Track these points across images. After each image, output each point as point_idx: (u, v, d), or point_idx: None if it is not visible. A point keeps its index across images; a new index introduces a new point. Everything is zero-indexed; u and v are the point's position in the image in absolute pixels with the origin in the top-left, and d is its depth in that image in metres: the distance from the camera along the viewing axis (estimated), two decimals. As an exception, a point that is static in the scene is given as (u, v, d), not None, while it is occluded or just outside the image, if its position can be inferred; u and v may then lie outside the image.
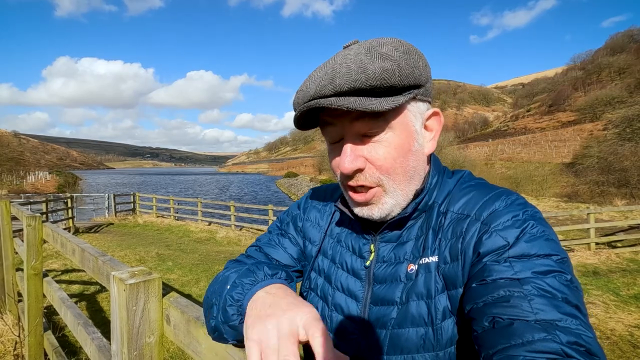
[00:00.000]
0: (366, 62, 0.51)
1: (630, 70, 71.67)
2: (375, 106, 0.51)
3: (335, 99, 0.51)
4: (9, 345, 2.88)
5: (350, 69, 0.51)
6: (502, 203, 0.55)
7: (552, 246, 0.49)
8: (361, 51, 0.53)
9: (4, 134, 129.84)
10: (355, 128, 0.56)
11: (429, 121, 0.61)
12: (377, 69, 0.51)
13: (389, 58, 0.52)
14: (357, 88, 0.51)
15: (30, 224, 2.32)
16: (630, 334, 4.26)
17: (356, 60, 0.51)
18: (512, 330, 0.42)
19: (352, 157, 0.56)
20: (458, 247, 0.55)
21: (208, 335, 0.73)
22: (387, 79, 0.51)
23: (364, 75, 0.50)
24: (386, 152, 0.56)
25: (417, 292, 0.57)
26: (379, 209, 0.60)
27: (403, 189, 0.59)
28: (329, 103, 0.51)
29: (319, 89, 0.53)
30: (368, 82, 0.50)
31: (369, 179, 0.58)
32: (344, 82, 0.51)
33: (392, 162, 0.56)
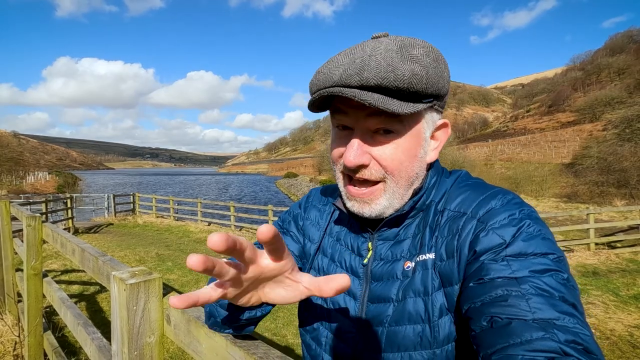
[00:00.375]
0: (397, 62, 0.50)
1: (629, 71, 71.73)
2: (396, 108, 0.51)
3: (360, 92, 0.51)
4: (8, 345, 2.87)
5: (380, 65, 0.50)
6: (498, 202, 0.55)
7: (549, 245, 0.49)
8: (392, 48, 0.52)
9: (4, 134, 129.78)
10: (367, 123, 0.56)
11: (438, 132, 0.62)
12: (407, 72, 0.50)
13: (420, 62, 0.51)
14: (384, 86, 0.50)
15: (30, 224, 2.32)
16: (630, 334, 4.27)
17: (386, 57, 0.51)
18: (511, 329, 0.42)
19: (359, 152, 0.56)
20: (454, 244, 0.55)
21: (208, 335, 0.73)
22: (415, 83, 0.51)
23: (393, 74, 0.50)
24: (394, 153, 0.56)
25: (414, 289, 0.57)
26: (370, 208, 0.60)
27: (401, 193, 0.59)
28: (352, 94, 0.50)
29: (345, 77, 0.52)
30: (396, 82, 0.50)
31: (374, 175, 0.58)
32: (372, 77, 0.50)
33: (398, 164, 0.57)
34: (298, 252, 0.75)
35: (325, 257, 0.71)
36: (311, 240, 0.74)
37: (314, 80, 0.57)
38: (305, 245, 0.75)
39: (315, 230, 0.75)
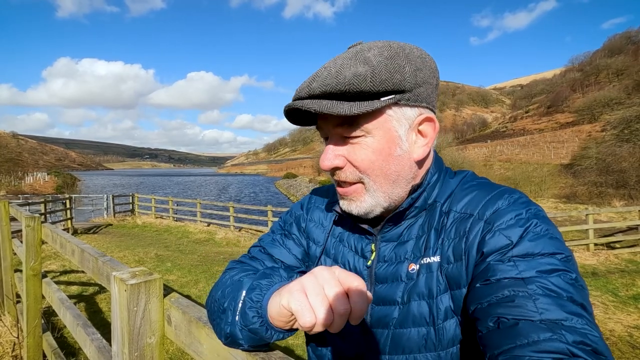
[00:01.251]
0: (345, 67, 0.53)
1: (628, 72, 71.89)
2: (344, 110, 0.52)
3: (308, 102, 0.54)
4: (7, 346, 2.86)
5: (330, 73, 0.53)
6: (504, 202, 0.55)
7: (557, 244, 0.49)
8: (349, 55, 0.54)
9: (2, 135, 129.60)
10: (336, 131, 0.59)
11: (422, 126, 0.60)
12: (349, 75, 0.52)
13: (367, 63, 0.52)
14: (328, 92, 0.53)
15: (30, 224, 2.31)
16: (630, 335, 4.27)
17: (337, 64, 0.53)
18: (518, 330, 0.41)
19: (332, 156, 0.59)
20: (461, 246, 0.54)
21: (209, 336, 0.73)
22: (357, 84, 0.52)
23: (335, 80, 0.52)
24: (364, 154, 0.58)
25: (418, 292, 0.57)
26: (357, 205, 0.61)
27: (385, 191, 0.59)
28: (300, 105, 0.54)
29: (298, 91, 0.57)
30: (338, 87, 0.52)
31: (350, 176, 0.60)
32: (317, 86, 0.53)
33: (370, 164, 0.58)
34: (300, 255, 0.74)
35: (328, 258, 0.71)
36: (315, 242, 0.73)
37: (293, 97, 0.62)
38: (310, 247, 0.74)
39: (320, 232, 0.74)
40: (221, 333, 0.59)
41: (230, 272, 0.69)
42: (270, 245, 0.76)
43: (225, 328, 0.57)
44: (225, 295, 0.60)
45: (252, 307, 0.52)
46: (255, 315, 0.52)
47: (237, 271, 0.68)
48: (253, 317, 0.52)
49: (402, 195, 0.61)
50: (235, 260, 0.77)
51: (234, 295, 0.57)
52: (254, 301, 0.52)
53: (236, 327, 0.55)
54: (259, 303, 0.52)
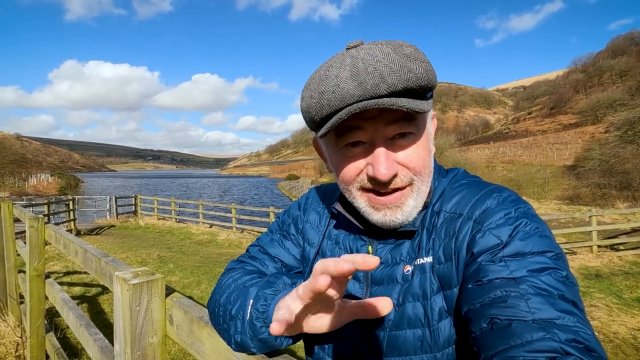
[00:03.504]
0: (406, 63, 0.50)
1: (631, 73, 71.55)
2: (424, 107, 0.51)
3: (395, 100, 0.49)
4: (10, 346, 2.88)
5: (395, 68, 0.49)
6: (493, 201, 0.55)
7: (547, 243, 0.49)
8: (389, 52, 0.50)
9: (6, 137, 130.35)
10: (387, 131, 0.54)
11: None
12: (422, 70, 0.50)
13: (422, 60, 0.52)
14: (409, 88, 0.50)
15: (33, 225, 2.32)
16: (634, 337, 4.24)
17: (393, 61, 0.49)
18: (511, 330, 0.42)
19: (389, 163, 0.54)
20: (451, 246, 0.54)
21: (211, 335, 0.73)
22: (430, 80, 0.52)
23: (413, 75, 0.50)
24: (416, 153, 0.56)
25: (412, 293, 0.57)
26: (402, 212, 0.57)
27: (425, 190, 0.59)
28: (390, 103, 0.48)
29: (372, 88, 0.49)
30: (418, 82, 0.50)
31: (404, 181, 0.56)
32: (397, 82, 0.49)
33: (423, 162, 0.57)
34: (299, 256, 0.74)
35: None
36: (310, 243, 0.73)
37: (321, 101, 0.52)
38: (305, 249, 0.74)
39: (315, 234, 0.74)
40: (231, 340, 0.59)
41: (232, 273, 0.69)
42: (269, 245, 0.76)
43: (236, 337, 0.57)
44: (232, 302, 0.59)
45: (259, 318, 0.53)
46: (262, 325, 0.53)
47: (239, 273, 0.68)
48: (261, 327, 0.53)
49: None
50: (235, 260, 0.77)
51: (242, 303, 0.56)
52: (260, 312, 0.53)
53: (247, 337, 0.55)
54: (265, 314, 0.52)
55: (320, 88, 0.52)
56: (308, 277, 0.72)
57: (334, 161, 0.61)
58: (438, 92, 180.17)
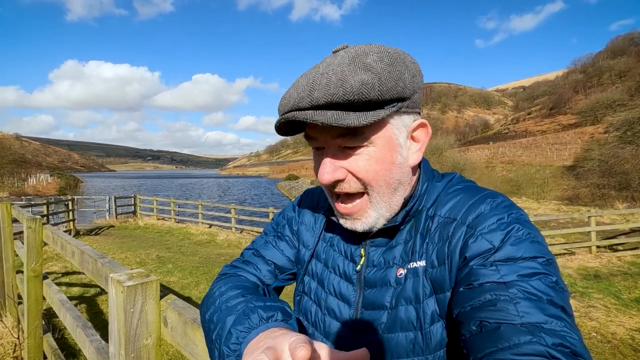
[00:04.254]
0: (347, 74, 0.50)
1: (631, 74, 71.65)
2: (352, 121, 0.50)
3: (312, 113, 0.51)
4: (8, 347, 2.88)
5: (331, 80, 0.50)
6: (487, 206, 0.55)
7: (538, 248, 0.49)
8: (345, 61, 0.51)
9: (6, 137, 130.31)
10: (336, 142, 0.56)
11: (416, 132, 0.60)
12: (356, 83, 0.49)
13: (371, 70, 0.50)
14: (335, 102, 0.50)
15: (31, 226, 2.32)
16: (632, 338, 4.24)
17: (337, 71, 0.50)
18: (499, 334, 0.42)
19: (332, 168, 0.57)
20: (445, 251, 0.55)
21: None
22: (366, 93, 0.50)
23: (342, 89, 0.49)
24: (367, 164, 0.56)
25: (405, 296, 0.57)
26: (362, 222, 0.60)
27: (387, 201, 0.59)
28: (304, 117, 0.51)
29: (297, 101, 0.52)
30: (346, 96, 0.49)
31: (353, 187, 0.58)
32: (322, 96, 0.50)
33: (374, 174, 0.56)
34: (293, 257, 0.75)
35: (319, 262, 0.71)
36: (305, 245, 0.74)
37: (278, 105, 0.58)
38: (300, 250, 0.74)
39: (310, 236, 0.74)
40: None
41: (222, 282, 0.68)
42: (263, 247, 0.76)
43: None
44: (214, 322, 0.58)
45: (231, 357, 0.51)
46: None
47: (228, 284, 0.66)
48: None
49: (400, 203, 0.61)
50: (229, 265, 0.77)
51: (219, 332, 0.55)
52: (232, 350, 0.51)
53: None
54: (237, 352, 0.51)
55: (285, 93, 0.57)
56: (303, 278, 0.72)
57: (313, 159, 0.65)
58: (438, 93, 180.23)
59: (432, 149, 31.54)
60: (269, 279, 0.73)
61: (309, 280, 0.71)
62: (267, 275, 0.73)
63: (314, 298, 0.69)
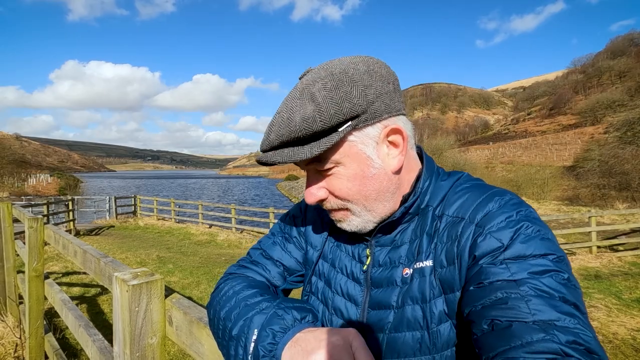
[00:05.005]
0: (293, 111, 0.53)
1: (630, 74, 71.76)
2: (305, 154, 0.53)
3: (272, 154, 0.56)
4: (9, 347, 2.87)
5: (282, 119, 0.54)
6: (495, 204, 0.55)
7: (548, 245, 0.49)
8: (295, 94, 0.55)
9: (6, 137, 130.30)
10: (309, 167, 0.60)
11: (391, 137, 0.58)
12: (299, 120, 0.52)
13: (314, 100, 0.52)
14: (285, 141, 0.54)
15: (32, 225, 2.32)
16: (633, 338, 4.24)
17: (288, 108, 0.54)
18: (511, 332, 0.42)
19: (313, 190, 0.61)
20: (454, 250, 0.55)
21: (210, 337, 0.73)
22: (308, 128, 0.52)
23: (287, 129, 0.53)
24: (340, 184, 0.58)
25: (412, 296, 0.57)
26: (347, 224, 0.63)
27: (370, 210, 0.60)
28: (266, 159, 0.57)
29: (262, 145, 0.58)
30: (292, 135, 0.53)
31: (334, 204, 0.61)
32: (275, 138, 0.55)
33: (348, 191, 0.58)
34: (301, 259, 0.74)
35: (326, 262, 0.71)
36: (313, 246, 0.73)
37: None
38: (308, 251, 0.74)
39: (317, 237, 0.74)
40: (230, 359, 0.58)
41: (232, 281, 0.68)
42: (271, 248, 0.76)
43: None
44: (232, 320, 0.58)
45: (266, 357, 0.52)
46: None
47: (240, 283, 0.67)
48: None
49: (390, 207, 0.61)
50: (236, 265, 0.77)
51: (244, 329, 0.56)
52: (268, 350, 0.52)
53: None
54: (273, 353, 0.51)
55: None
56: (310, 278, 0.73)
57: None
58: (437, 93, 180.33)
59: (432, 150, 31.53)
60: (278, 281, 0.73)
61: (316, 281, 0.71)
62: (276, 277, 0.73)
63: (321, 298, 0.69)
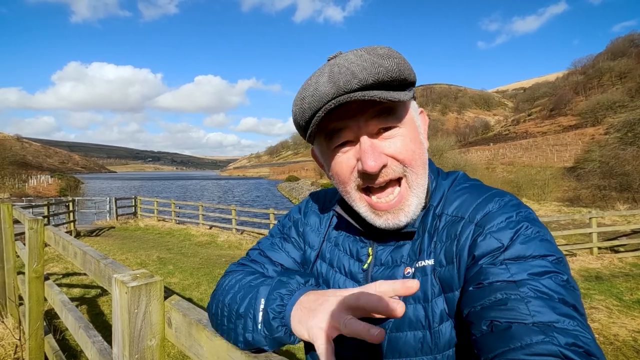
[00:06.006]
0: (377, 60, 0.53)
1: (631, 75, 71.79)
2: (400, 97, 0.53)
3: (367, 92, 0.51)
4: (9, 348, 2.87)
5: (367, 66, 0.52)
6: (495, 205, 0.55)
7: (548, 247, 0.49)
8: (362, 54, 0.54)
9: (7, 138, 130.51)
10: (369, 127, 0.56)
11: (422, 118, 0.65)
12: (393, 64, 0.53)
13: (394, 56, 0.54)
14: (380, 80, 0.52)
15: (33, 227, 2.32)
16: (634, 339, 4.23)
17: (367, 60, 0.53)
18: (511, 333, 0.42)
19: (376, 154, 0.55)
20: (453, 249, 0.55)
21: (209, 338, 0.73)
22: (403, 71, 0.54)
23: (383, 69, 0.52)
24: (404, 144, 0.57)
25: (413, 295, 0.56)
26: (405, 213, 0.58)
27: (422, 184, 0.59)
28: (362, 95, 0.51)
29: (344, 85, 0.51)
30: (389, 74, 0.52)
31: (395, 172, 0.57)
32: (368, 76, 0.51)
33: (412, 153, 0.57)
34: (300, 259, 0.75)
35: (324, 262, 0.71)
36: (311, 246, 0.74)
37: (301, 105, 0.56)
38: (306, 251, 0.74)
39: (315, 237, 0.74)
40: (238, 339, 0.59)
41: (234, 275, 0.69)
42: (269, 249, 0.76)
43: (247, 335, 0.57)
44: (238, 301, 0.59)
45: (276, 318, 0.53)
46: (279, 325, 0.53)
47: (242, 274, 0.68)
48: (278, 327, 0.53)
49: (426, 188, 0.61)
50: (236, 263, 0.77)
51: (251, 302, 0.57)
52: (277, 312, 0.53)
53: (260, 335, 0.56)
54: (282, 314, 0.53)
55: (301, 95, 0.56)
56: None
57: (330, 165, 0.63)
58: (438, 94, 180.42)
59: (433, 151, 31.54)
60: None
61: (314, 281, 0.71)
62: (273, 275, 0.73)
63: None
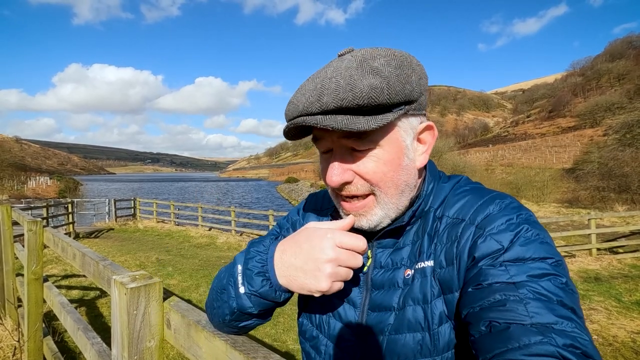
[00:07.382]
0: (355, 79, 0.50)
1: (629, 76, 72.04)
2: (362, 126, 0.50)
3: (322, 118, 0.51)
4: (8, 350, 2.86)
5: (339, 85, 0.50)
6: (496, 207, 0.55)
7: (547, 249, 0.49)
8: (352, 65, 0.51)
9: (6, 140, 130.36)
10: (343, 143, 0.56)
11: (423, 134, 0.60)
12: (365, 87, 0.49)
13: (380, 74, 0.50)
14: (344, 107, 0.50)
15: (32, 228, 2.32)
16: (633, 341, 4.23)
17: (346, 76, 0.50)
18: (509, 334, 0.42)
19: (340, 170, 0.57)
20: (453, 251, 0.55)
21: (208, 339, 0.73)
22: (375, 97, 0.50)
23: (351, 93, 0.49)
24: (375, 166, 0.56)
25: (413, 297, 0.57)
26: (367, 220, 0.59)
27: (394, 202, 0.59)
28: (314, 122, 0.51)
29: (307, 106, 0.52)
30: (355, 101, 0.49)
31: (360, 189, 0.58)
32: (331, 101, 0.50)
33: (382, 176, 0.56)
34: None
35: None
36: None
37: (285, 110, 0.58)
38: None
39: None
40: (225, 312, 0.62)
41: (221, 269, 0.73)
42: (255, 245, 0.76)
43: (231, 303, 0.60)
44: (222, 278, 0.64)
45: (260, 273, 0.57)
46: (263, 279, 0.57)
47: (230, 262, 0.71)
48: (262, 281, 0.57)
49: (406, 204, 0.61)
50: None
51: (230, 271, 0.62)
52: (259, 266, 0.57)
53: (242, 297, 0.58)
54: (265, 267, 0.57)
55: (291, 97, 0.57)
56: None
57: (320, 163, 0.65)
58: (437, 95, 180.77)
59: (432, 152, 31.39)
60: None
61: None
62: None
63: (318, 301, 0.69)
